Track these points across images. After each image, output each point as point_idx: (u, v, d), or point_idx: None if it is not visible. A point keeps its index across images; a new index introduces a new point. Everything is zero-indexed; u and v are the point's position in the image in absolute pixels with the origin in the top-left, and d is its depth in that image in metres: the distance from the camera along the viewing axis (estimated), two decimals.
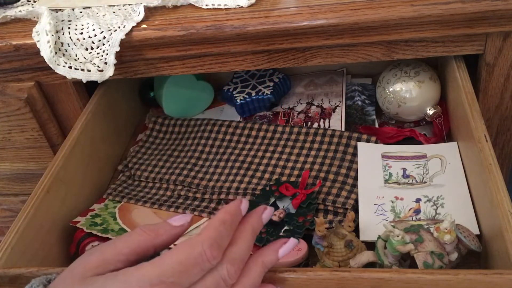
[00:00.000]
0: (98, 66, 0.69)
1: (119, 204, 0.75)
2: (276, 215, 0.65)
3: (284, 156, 0.76)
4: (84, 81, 0.70)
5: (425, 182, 0.66)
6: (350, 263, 0.57)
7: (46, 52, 0.67)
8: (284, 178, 0.73)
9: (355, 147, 0.74)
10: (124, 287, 0.36)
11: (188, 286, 0.38)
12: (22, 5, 0.77)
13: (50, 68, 0.68)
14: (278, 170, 0.75)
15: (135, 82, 0.96)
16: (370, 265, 0.57)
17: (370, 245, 0.59)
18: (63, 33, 0.69)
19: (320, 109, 0.86)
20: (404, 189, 0.66)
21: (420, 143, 0.75)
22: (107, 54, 0.68)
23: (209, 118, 0.87)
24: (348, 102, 0.86)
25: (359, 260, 0.56)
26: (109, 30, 0.68)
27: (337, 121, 0.82)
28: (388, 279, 0.45)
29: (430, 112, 0.76)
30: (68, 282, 0.38)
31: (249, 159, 0.78)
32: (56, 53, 0.68)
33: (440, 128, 0.76)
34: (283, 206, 0.67)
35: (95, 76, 0.70)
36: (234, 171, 0.76)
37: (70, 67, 0.68)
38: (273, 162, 0.76)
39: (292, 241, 0.47)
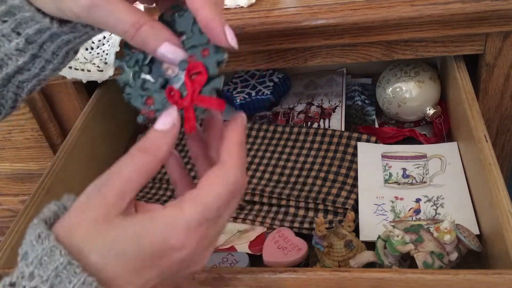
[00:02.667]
0: (98, 66, 0.69)
1: None
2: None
3: (284, 156, 0.76)
4: (84, 81, 0.70)
5: (425, 182, 0.66)
6: (350, 263, 0.57)
7: None
8: (284, 178, 0.73)
9: (355, 147, 0.74)
10: (172, 235, 0.33)
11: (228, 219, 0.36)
12: None
13: None
14: (278, 170, 0.75)
15: None
16: (370, 265, 0.57)
17: (370, 245, 0.59)
18: None
19: (320, 109, 0.86)
20: (404, 189, 0.66)
21: (420, 143, 0.75)
22: (107, 54, 0.68)
23: None
24: (348, 102, 0.86)
25: (359, 260, 0.56)
26: None
27: (337, 121, 0.82)
28: (388, 279, 0.45)
29: (430, 112, 0.76)
30: (90, 228, 0.32)
31: (249, 159, 0.78)
32: None
33: (440, 128, 0.76)
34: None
35: (95, 76, 0.70)
36: None
37: (70, 67, 0.68)
38: (273, 162, 0.76)
39: None
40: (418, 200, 0.64)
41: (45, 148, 0.87)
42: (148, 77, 0.41)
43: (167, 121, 0.38)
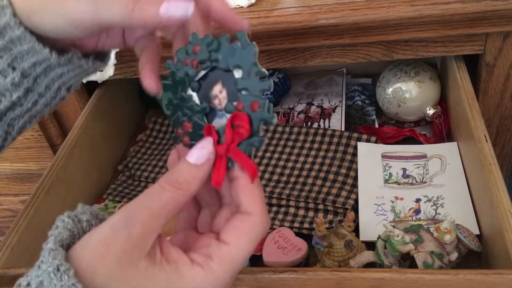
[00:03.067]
0: None
1: (119, 204, 0.75)
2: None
3: (284, 156, 0.76)
4: (84, 81, 0.70)
5: (425, 182, 0.66)
6: (350, 263, 0.57)
7: None
8: (284, 178, 0.73)
9: (355, 147, 0.74)
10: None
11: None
12: None
13: None
14: (278, 170, 0.75)
15: (135, 82, 0.95)
16: (370, 265, 0.57)
17: (370, 245, 0.59)
18: None
19: (320, 109, 0.86)
20: (404, 189, 0.66)
21: (420, 143, 0.75)
22: None
23: None
24: (348, 102, 0.86)
25: (359, 260, 0.56)
26: None
27: (337, 121, 0.82)
28: (388, 279, 0.45)
29: (430, 112, 0.76)
30: (114, 267, 0.31)
31: None
32: None
33: (440, 128, 0.76)
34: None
35: (95, 76, 0.70)
36: None
37: None
38: (273, 162, 0.76)
39: None
40: (418, 200, 0.64)
41: (45, 148, 0.87)
42: (194, 95, 0.39)
43: (202, 155, 0.36)
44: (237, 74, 0.37)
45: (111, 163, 0.84)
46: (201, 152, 0.36)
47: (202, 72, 0.38)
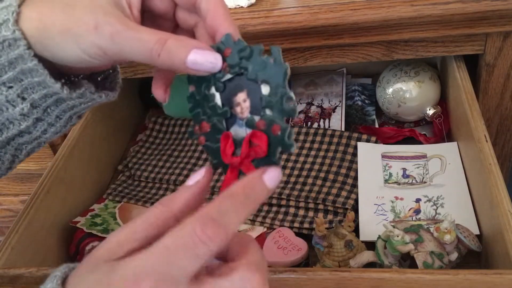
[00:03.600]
0: None
1: (119, 204, 0.75)
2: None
3: (284, 156, 0.76)
4: None
5: (425, 182, 0.66)
6: (350, 263, 0.57)
7: None
8: (284, 178, 0.73)
9: (355, 147, 0.74)
10: (116, 284, 0.30)
11: (184, 275, 0.30)
12: None
13: None
14: None
15: (135, 82, 0.96)
16: (370, 265, 0.57)
17: (370, 245, 0.59)
18: None
19: (320, 109, 0.86)
20: (404, 189, 0.66)
21: (420, 143, 0.75)
22: None
23: None
24: (348, 102, 0.86)
25: (359, 260, 0.56)
26: None
27: (337, 121, 0.82)
28: (388, 279, 0.45)
29: (430, 112, 0.76)
30: (83, 268, 0.32)
31: None
32: None
33: (440, 128, 0.76)
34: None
35: None
36: None
37: None
38: None
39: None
40: (418, 200, 0.64)
41: (45, 148, 0.87)
42: (217, 96, 0.39)
43: (194, 178, 0.36)
44: (264, 90, 0.36)
45: (111, 163, 0.84)
46: (195, 177, 0.36)
47: (229, 76, 0.38)
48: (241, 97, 0.38)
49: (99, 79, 0.44)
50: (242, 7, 0.68)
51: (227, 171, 0.38)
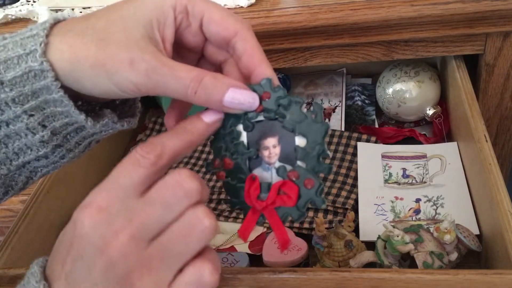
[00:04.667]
0: None
1: None
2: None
3: None
4: None
5: (425, 182, 0.66)
6: (350, 263, 0.57)
7: None
8: None
9: (355, 147, 0.74)
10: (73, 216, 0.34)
11: (131, 184, 0.34)
12: (22, 5, 0.77)
13: None
14: None
15: None
16: (370, 265, 0.57)
17: (370, 245, 0.59)
18: None
19: None
20: (404, 189, 0.66)
21: (420, 143, 0.75)
22: None
23: None
24: (348, 102, 0.86)
25: (359, 260, 0.56)
26: None
27: (337, 121, 0.82)
28: (388, 279, 0.45)
29: (430, 112, 0.76)
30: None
31: None
32: None
33: (440, 128, 0.76)
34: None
35: None
36: None
37: None
38: None
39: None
40: (418, 200, 0.64)
41: None
42: (243, 135, 0.39)
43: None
44: (300, 141, 0.37)
45: (111, 163, 0.84)
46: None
47: (261, 117, 0.38)
48: (271, 142, 0.38)
49: (117, 102, 0.43)
50: (242, 7, 0.68)
51: (248, 213, 0.39)
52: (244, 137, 0.39)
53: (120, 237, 0.32)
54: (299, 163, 0.37)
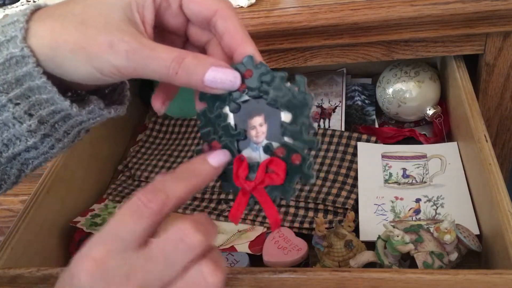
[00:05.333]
0: None
1: (119, 204, 0.75)
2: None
3: None
4: None
5: (425, 182, 0.66)
6: (350, 263, 0.57)
7: None
8: None
9: (355, 147, 0.74)
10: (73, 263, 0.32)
11: (132, 237, 0.33)
12: (22, 5, 0.78)
13: None
14: None
15: (135, 82, 0.96)
16: (370, 265, 0.57)
17: (370, 245, 0.59)
18: None
19: (320, 109, 0.86)
20: (404, 189, 0.66)
21: (420, 143, 0.75)
22: None
23: None
24: (348, 102, 0.86)
25: (359, 260, 0.56)
26: None
27: (337, 121, 0.82)
28: (388, 279, 0.45)
29: (430, 112, 0.76)
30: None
31: None
32: None
33: (440, 128, 0.76)
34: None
35: None
36: None
37: None
38: None
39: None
40: (418, 200, 0.64)
41: None
42: (230, 116, 0.38)
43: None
44: (285, 117, 0.36)
45: (111, 163, 0.84)
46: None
47: (245, 97, 0.37)
48: (257, 120, 0.37)
49: (106, 91, 0.43)
50: (242, 7, 0.68)
51: (238, 194, 0.38)
52: (231, 119, 0.38)
53: None
54: (285, 139, 0.36)
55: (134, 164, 0.83)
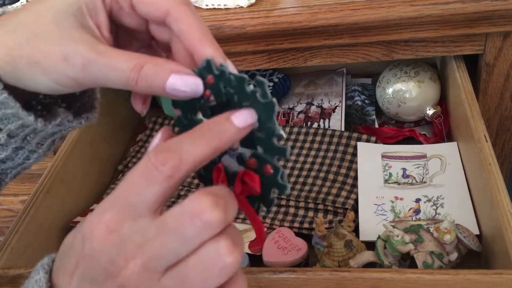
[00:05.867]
0: None
1: None
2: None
3: None
4: None
5: (425, 182, 0.66)
6: (350, 263, 0.57)
7: None
8: None
9: (355, 147, 0.74)
10: (83, 225, 0.31)
11: (143, 202, 0.30)
12: (22, 4, 0.77)
13: None
14: None
15: None
16: (370, 265, 0.57)
17: (370, 245, 0.59)
18: None
19: (320, 109, 0.86)
20: (404, 189, 0.66)
21: (420, 143, 0.75)
22: None
23: None
24: (348, 102, 0.86)
25: (359, 260, 0.56)
26: None
27: (337, 121, 0.82)
28: (388, 279, 0.45)
29: (430, 112, 0.76)
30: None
31: None
32: None
33: (440, 128, 0.76)
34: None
35: None
36: None
37: None
38: None
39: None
40: (418, 200, 0.64)
41: None
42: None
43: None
44: (254, 127, 0.34)
45: (111, 163, 0.84)
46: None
47: (214, 102, 0.35)
48: None
49: (77, 93, 0.42)
50: (242, 7, 0.68)
51: None
52: None
53: (131, 266, 0.29)
54: (258, 147, 0.34)
55: (134, 164, 0.82)
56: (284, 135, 0.33)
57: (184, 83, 0.33)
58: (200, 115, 0.36)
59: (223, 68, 0.34)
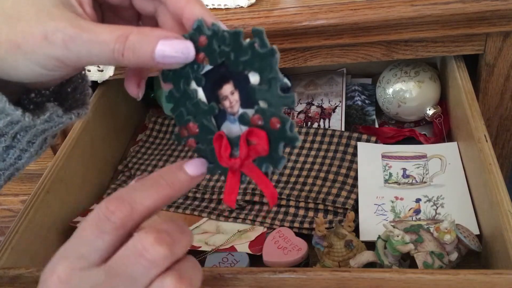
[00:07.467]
0: (98, 66, 0.69)
1: None
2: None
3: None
4: None
5: (425, 182, 0.66)
6: (350, 263, 0.57)
7: None
8: (284, 178, 0.73)
9: (355, 147, 0.74)
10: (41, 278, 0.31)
11: (92, 251, 0.31)
12: None
13: None
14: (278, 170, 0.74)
15: None
16: (370, 265, 0.57)
17: (370, 245, 0.59)
18: None
19: (320, 109, 0.86)
20: (404, 189, 0.66)
21: (420, 143, 0.75)
22: None
23: None
24: (348, 102, 0.86)
25: (359, 260, 0.56)
26: None
27: (337, 121, 0.82)
28: (388, 279, 0.45)
29: (430, 112, 0.76)
30: None
31: None
32: None
33: (440, 128, 0.76)
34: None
35: (95, 76, 0.70)
36: None
37: None
38: None
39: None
40: (418, 200, 0.64)
41: None
42: (200, 91, 0.34)
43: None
44: (253, 78, 0.32)
45: (111, 163, 0.84)
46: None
47: (209, 67, 0.33)
48: (227, 89, 0.33)
49: (69, 89, 0.40)
50: (242, 7, 0.68)
51: (228, 175, 0.34)
52: (201, 94, 0.34)
53: None
54: (260, 103, 0.31)
55: (134, 164, 0.83)
56: (289, 83, 0.31)
57: (174, 48, 0.31)
58: (194, 85, 0.34)
59: (215, 27, 0.32)
